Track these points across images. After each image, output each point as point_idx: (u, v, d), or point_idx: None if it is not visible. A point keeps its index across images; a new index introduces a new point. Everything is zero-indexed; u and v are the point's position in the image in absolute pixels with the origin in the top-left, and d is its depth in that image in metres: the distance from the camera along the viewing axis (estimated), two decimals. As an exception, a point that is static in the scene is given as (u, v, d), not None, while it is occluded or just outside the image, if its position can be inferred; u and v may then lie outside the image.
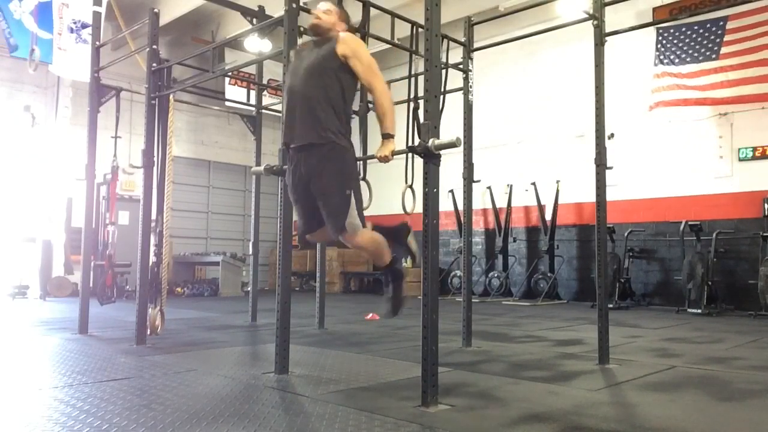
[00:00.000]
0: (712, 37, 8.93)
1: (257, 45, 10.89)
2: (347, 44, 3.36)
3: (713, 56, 8.89)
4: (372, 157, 3.80)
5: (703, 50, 8.99)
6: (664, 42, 9.34)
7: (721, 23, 8.86)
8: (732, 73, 8.70)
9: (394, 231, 3.68)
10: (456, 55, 5.25)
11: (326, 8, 3.58)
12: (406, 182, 4.42)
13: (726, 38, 8.81)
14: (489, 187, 11.22)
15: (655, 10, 9.63)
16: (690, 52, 9.10)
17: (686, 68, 9.10)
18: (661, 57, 9.36)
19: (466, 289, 5.09)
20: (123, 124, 7.45)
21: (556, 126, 10.89)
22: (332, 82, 3.35)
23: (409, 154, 3.84)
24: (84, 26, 9.40)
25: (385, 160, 3.30)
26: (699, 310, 8.13)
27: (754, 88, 8.53)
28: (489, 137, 11.10)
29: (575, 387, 3.52)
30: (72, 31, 9.43)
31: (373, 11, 4.56)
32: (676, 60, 9.21)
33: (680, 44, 9.20)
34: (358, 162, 4.24)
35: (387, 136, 3.32)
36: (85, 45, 9.18)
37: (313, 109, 3.31)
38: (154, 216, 5.46)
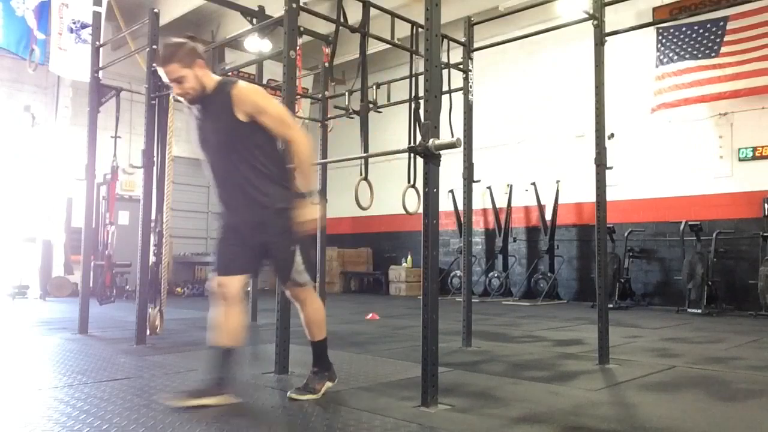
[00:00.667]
0: (713, 37, 8.93)
1: (257, 45, 10.88)
2: (245, 102, 2.90)
3: (713, 54, 8.89)
4: (372, 155, 3.81)
5: (703, 49, 9.00)
6: (664, 42, 9.34)
7: (722, 23, 8.86)
8: (730, 69, 8.70)
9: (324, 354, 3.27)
10: (456, 55, 5.25)
11: (173, 77, 2.90)
12: (409, 182, 4.42)
13: (726, 38, 8.81)
14: (489, 187, 11.21)
15: (655, 10, 9.62)
16: (690, 50, 9.11)
17: (685, 64, 9.10)
18: (662, 57, 9.36)
19: (466, 289, 5.09)
20: (123, 124, 7.46)
21: (556, 126, 10.89)
22: (249, 148, 2.95)
23: (412, 154, 3.83)
24: (84, 26, 9.38)
25: (305, 228, 2.95)
26: (699, 310, 8.13)
27: (753, 81, 8.53)
28: (489, 137, 11.09)
29: (575, 387, 3.52)
30: (72, 31, 9.42)
31: (373, 11, 4.56)
32: (675, 57, 9.21)
33: (680, 44, 9.20)
34: (358, 162, 4.24)
35: (307, 196, 2.98)
36: (84, 45, 9.16)
37: (244, 189, 2.96)
38: (153, 216, 5.46)
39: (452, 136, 3.14)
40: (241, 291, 3.05)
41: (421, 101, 3.47)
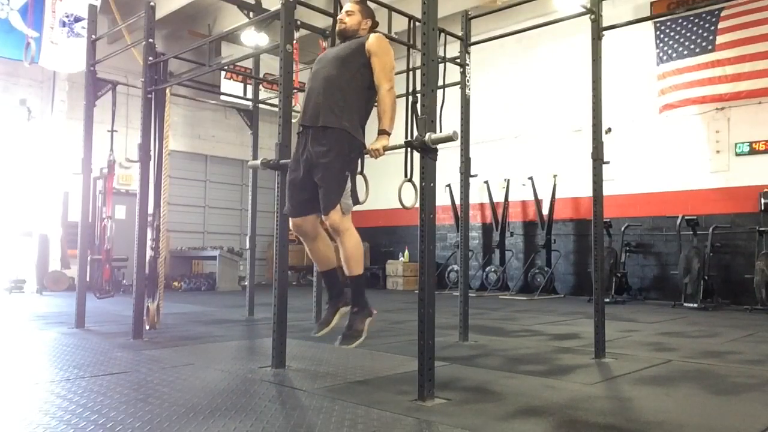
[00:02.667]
0: (707, 26, 8.90)
1: (254, 39, 10.88)
2: (375, 42, 3.47)
3: (709, 47, 8.86)
4: (368, 151, 3.80)
5: (699, 41, 8.96)
6: (663, 37, 9.32)
7: (716, 12, 8.84)
8: (730, 68, 8.70)
9: (362, 293, 3.62)
10: (453, 49, 5.23)
11: (348, 9, 3.67)
12: (405, 176, 4.41)
13: (720, 25, 8.77)
14: (486, 182, 11.22)
15: (652, 4, 9.61)
16: (687, 44, 9.09)
17: (684, 62, 9.09)
18: (662, 54, 9.33)
19: (463, 284, 5.10)
20: (119, 118, 7.44)
21: (553, 120, 10.89)
22: (357, 74, 3.46)
23: (408, 149, 3.83)
24: (77, 20, 9.35)
25: (376, 154, 3.35)
26: (695, 305, 8.16)
27: (754, 83, 8.53)
28: (486, 131, 11.10)
29: (571, 381, 3.53)
30: (64, 24, 9.38)
31: (370, 5, 4.54)
32: (674, 54, 9.19)
33: (678, 37, 9.18)
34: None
35: (382, 132, 3.38)
36: (77, 39, 9.13)
37: (333, 95, 3.41)
38: (151, 210, 5.45)
39: (440, 130, 3.16)
40: (315, 226, 3.55)
41: (418, 95, 3.47)
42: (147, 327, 5.33)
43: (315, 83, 3.52)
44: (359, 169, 3.57)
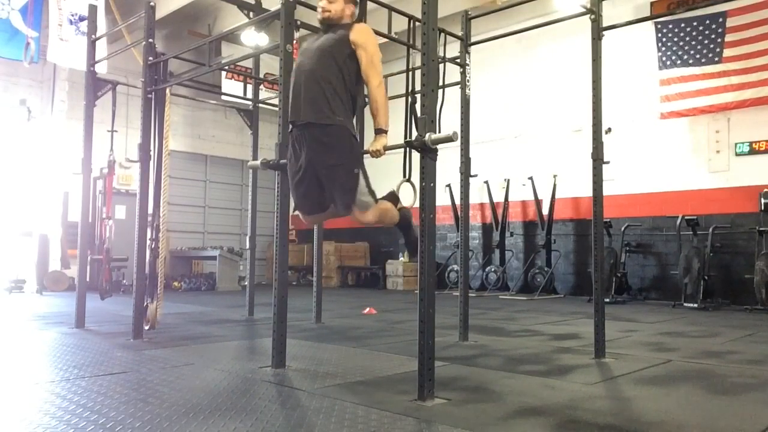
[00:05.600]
0: (713, 36, 8.90)
1: (254, 39, 10.88)
2: (360, 33, 3.40)
3: (716, 58, 8.86)
4: (365, 151, 3.80)
5: (705, 51, 8.95)
6: (665, 41, 9.30)
7: (720, 20, 8.83)
8: (736, 78, 8.70)
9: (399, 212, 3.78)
10: (453, 49, 5.23)
11: None
12: (404, 176, 4.41)
13: (727, 38, 8.78)
14: (486, 182, 11.21)
15: (652, 4, 9.61)
16: (692, 52, 9.06)
17: (689, 70, 9.08)
18: (664, 58, 9.31)
19: (463, 284, 5.10)
20: (119, 118, 7.43)
21: (553, 120, 10.89)
22: (342, 66, 3.38)
23: (407, 148, 3.83)
24: (82, 19, 9.36)
25: (377, 154, 3.31)
26: (695, 305, 8.16)
27: (759, 91, 8.53)
28: (486, 132, 11.10)
29: (571, 381, 3.53)
30: (71, 23, 9.40)
31: (370, 5, 4.54)
32: (679, 61, 9.17)
33: (681, 42, 9.17)
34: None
35: (380, 132, 3.34)
36: (83, 37, 9.14)
37: (322, 89, 3.34)
38: (151, 210, 5.45)
39: (440, 131, 3.15)
40: (334, 214, 3.59)
41: (418, 95, 3.46)
42: (147, 327, 5.33)
43: (301, 77, 3.43)
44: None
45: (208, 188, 14.27)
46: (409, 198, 3.85)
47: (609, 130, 9.37)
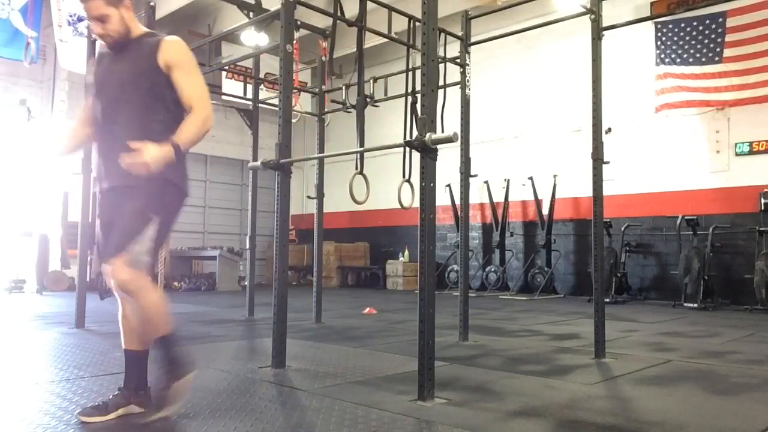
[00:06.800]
0: (713, 36, 8.90)
1: (254, 39, 10.86)
2: (172, 52, 2.60)
3: (716, 58, 8.86)
4: (368, 150, 3.80)
5: (705, 50, 8.95)
6: (663, 39, 9.31)
7: (720, 20, 8.83)
8: (737, 79, 8.70)
9: (175, 356, 2.64)
10: (453, 49, 5.23)
11: (96, 14, 2.55)
12: (404, 177, 4.41)
13: (728, 38, 8.78)
14: (486, 182, 11.22)
15: (653, 4, 9.61)
16: (691, 51, 9.06)
17: (689, 69, 9.08)
18: (662, 56, 9.31)
19: (463, 284, 5.10)
20: (119, 118, 7.40)
21: (553, 120, 10.89)
22: (154, 104, 2.61)
23: (406, 149, 3.83)
24: (80, 19, 9.36)
25: (142, 167, 2.41)
26: (695, 305, 8.16)
27: (757, 91, 8.53)
28: (486, 132, 11.11)
29: (571, 381, 3.53)
30: (70, 23, 9.40)
31: (370, 5, 4.55)
32: (678, 60, 9.18)
33: (680, 42, 9.17)
34: (352, 156, 4.22)
35: (171, 143, 2.48)
36: (81, 38, 9.15)
37: (131, 130, 2.58)
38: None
39: (442, 131, 3.14)
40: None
41: (418, 95, 3.46)
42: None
43: (105, 127, 2.71)
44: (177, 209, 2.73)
45: (208, 188, 14.27)
46: (409, 198, 3.85)
47: (609, 130, 9.37)
